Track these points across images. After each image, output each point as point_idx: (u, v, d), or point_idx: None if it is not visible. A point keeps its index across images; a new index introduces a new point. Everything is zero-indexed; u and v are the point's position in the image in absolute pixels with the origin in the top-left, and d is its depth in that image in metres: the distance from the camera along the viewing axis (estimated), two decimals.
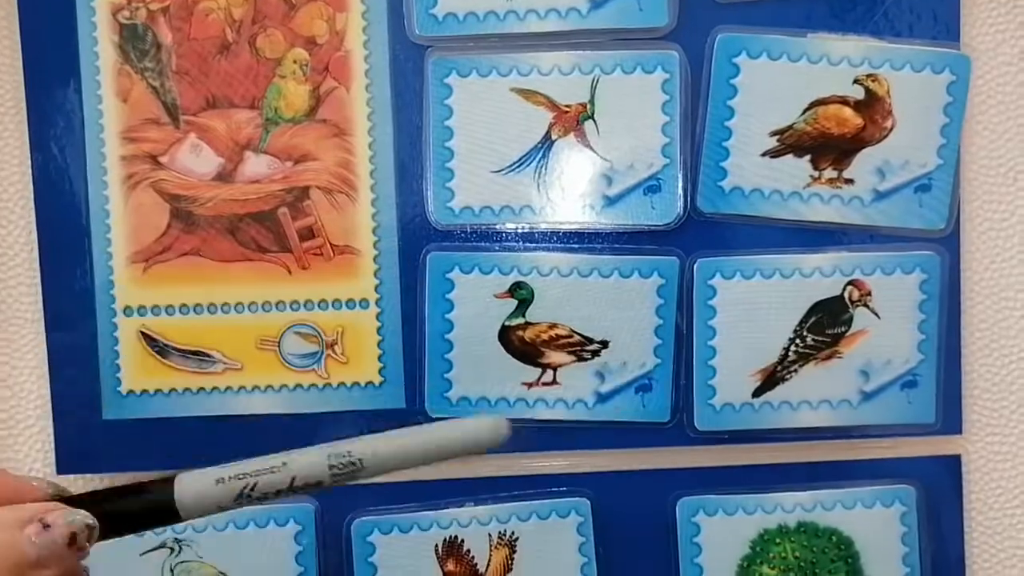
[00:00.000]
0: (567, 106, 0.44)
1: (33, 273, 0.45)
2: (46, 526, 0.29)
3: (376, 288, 0.45)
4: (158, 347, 0.45)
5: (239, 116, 0.44)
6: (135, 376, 0.45)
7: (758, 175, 0.45)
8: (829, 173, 0.45)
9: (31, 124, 0.44)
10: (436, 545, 0.46)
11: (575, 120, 0.44)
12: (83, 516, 0.30)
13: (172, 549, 0.45)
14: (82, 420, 0.45)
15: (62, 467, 0.45)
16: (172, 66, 0.44)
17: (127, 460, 0.45)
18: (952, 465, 0.47)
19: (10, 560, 0.28)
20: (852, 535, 0.46)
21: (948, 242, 0.45)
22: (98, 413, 0.45)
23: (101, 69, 0.44)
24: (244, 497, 0.32)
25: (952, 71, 0.44)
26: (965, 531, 0.47)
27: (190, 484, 0.32)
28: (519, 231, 0.45)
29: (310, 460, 0.33)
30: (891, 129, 0.44)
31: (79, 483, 0.46)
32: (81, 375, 0.45)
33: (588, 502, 0.46)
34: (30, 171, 0.45)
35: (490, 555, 0.46)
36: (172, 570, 0.45)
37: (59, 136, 0.44)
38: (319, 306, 0.45)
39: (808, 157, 0.45)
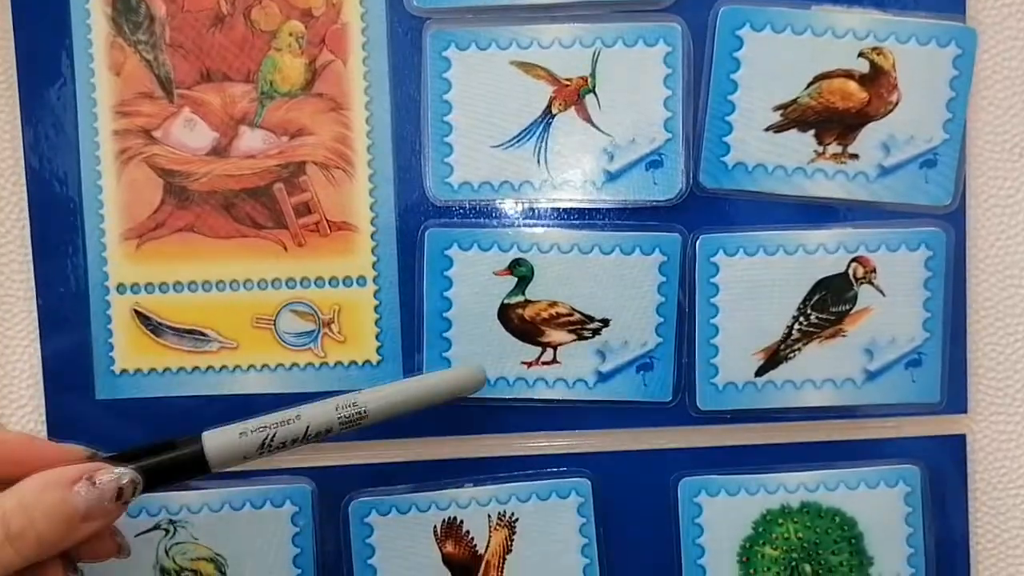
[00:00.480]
0: (568, 80, 0.44)
1: (24, 250, 0.44)
2: (94, 483, 0.32)
3: (374, 265, 0.44)
4: (152, 325, 0.45)
5: (234, 90, 0.44)
6: (128, 355, 0.45)
7: (761, 150, 0.44)
8: (833, 148, 0.44)
9: (22, 98, 0.44)
10: (435, 526, 0.45)
11: (576, 94, 0.44)
12: (127, 471, 0.33)
13: (167, 531, 0.45)
14: (75, 400, 0.45)
15: None
16: (166, 39, 0.43)
17: (120, 440, 0.44)
18: (957, 445, 0.46)
19: (63, 515, 0.31)
20: (855, 515, 0.46)
21: (954, 218, 0.45)
22: (91, 393, 0.45)
23: (93, 42, 0.43)
24: (266, 447, 0.36)
25: (958, 44, 0.44)
26: (970, 511, 0.47)
27: (217, 437, 0.36)
28: (519, 207, 0.44)
29: (321, 410, 0.37)
30: (896, 103, 0.44)
31: None
32: (73, 354, 0.44)
33: (588, 482, 0.45)
34: (21, 146, 0.44)
35: (490, 536, 0.45)
36: (167, 551, 0.45)
37: (51, 110, 0.44)
38: (315, 284, 0.45)
39: (812, 132, 0.44)
